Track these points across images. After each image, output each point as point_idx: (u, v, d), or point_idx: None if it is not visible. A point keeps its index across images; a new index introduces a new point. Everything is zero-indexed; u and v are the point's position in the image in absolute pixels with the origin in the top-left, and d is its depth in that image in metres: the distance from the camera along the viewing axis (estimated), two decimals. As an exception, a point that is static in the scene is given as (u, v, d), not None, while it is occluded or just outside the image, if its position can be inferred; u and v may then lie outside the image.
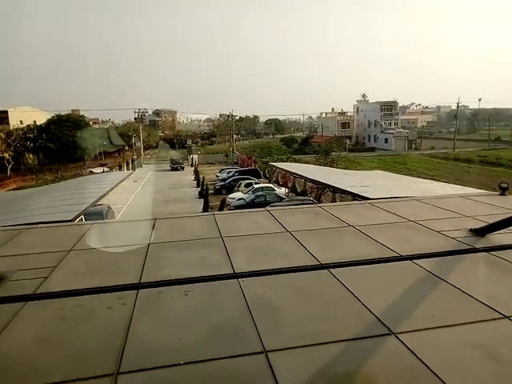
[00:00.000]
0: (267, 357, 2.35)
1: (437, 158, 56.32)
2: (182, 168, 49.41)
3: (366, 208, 6.10)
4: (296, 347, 2.44)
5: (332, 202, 20.41)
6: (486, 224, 4.66)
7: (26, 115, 55.20)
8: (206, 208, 23.85)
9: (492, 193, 7.10)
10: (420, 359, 2.26)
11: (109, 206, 18.42)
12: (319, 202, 21.00)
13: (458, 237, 4.47)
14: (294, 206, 7.69)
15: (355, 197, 9.64)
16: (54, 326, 2.78)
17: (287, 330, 2.65)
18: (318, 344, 2.47)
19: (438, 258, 3.89)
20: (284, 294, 3.19)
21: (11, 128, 50.05)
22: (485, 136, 78.48)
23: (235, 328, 2.70)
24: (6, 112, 53.47)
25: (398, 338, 2.49)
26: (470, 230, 4.67)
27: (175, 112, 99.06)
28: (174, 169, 49.34)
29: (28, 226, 5.66)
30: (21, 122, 53.18)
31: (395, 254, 3.99)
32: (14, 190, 35.45)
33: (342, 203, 7.79)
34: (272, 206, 17.88)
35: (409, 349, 2.36)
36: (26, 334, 2.67)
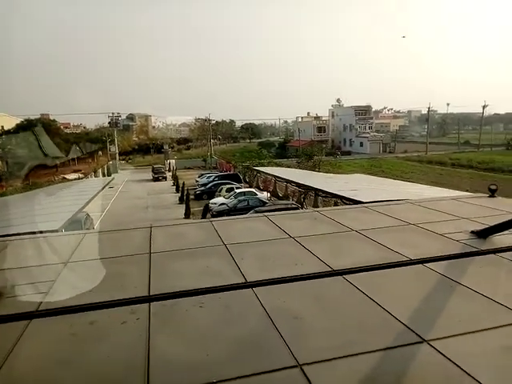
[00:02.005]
0: (303, 370, 2.25)
1: (411, 161, 57.90)
2: (165, 178, 44.30)
3: (364, 212, 6.11)
4: (330, 359, 2.35)
5: (314, 205, 20.56)
6: (484, 226, 4.75)
7: (-7, 120, 52.97)
8: (187, 214, 23.54)
9: (481, 195, 7.28)
10: (460, 367, 2.22)
11: (87, 214, 17.83)
12: (302, 205, 21.10)
13: (462, 239, 4.52)
14: (291, 212, 7.64)
15: (344, 200, 9.70)
16: (66, 345, 2.58)
17: (316, 341, 2.57)
18: (353, 355, 2.39)
19: (448, 260, 3.91)
20: (303, 303, 3.10)
21: (-23, 133, 47.95)
22: (454, 139, 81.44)
23: (261, 340, 2.59)
24: (-29, 117, 51.18)
25: (431, 345, 2.45)
26: (472, 232, 4.73)
27: (150, 116, 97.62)
28: (155, 179, 43.89)
29: (14, 237, 5.35)
30: (-13, 127, 51.03)
31: (405, 258, 3.99)
32: (-18, 197, 33.84)
33: (338, 207, 7.81)
34: (257, 211, 17.81)
35: (446, 357, 2.32)
36: (38, 354, 2.47)
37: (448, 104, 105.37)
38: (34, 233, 5.77)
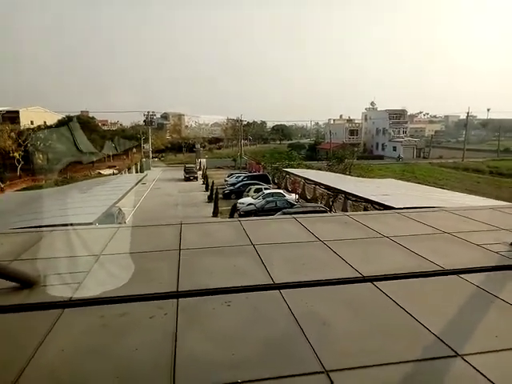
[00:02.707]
0: (329, 377, 2.21)
1: (446, 168, 55.90)
2: (196, 178, 42.73)
3: (396, 218, 5.95)
4: (358, 367, 2.29)
5: (343, 209, 20.23)
6: (526, 238, 4.51)
7: (36, 116, 55.61)
8: (215, 212, 23.77)
9: (522, 205, 6.92)
10: (497, 386, 2.10)
11: (119, 209, 18.37)
12: (330, 209, 20.82)
13: (501, 251, 4.30)
14: (320, 215, 7.55)
15: (375, 205, 9.48)
16: (97, 336, 2.66)
17: (344, 347, 2.51)
18: (381, 365, 2.32)
19: (485, 273, 3.74)
20: (331, 308, 3.05)
21: (22, 128, 50.44)
22: (493, 146, 77.83)
23: (288, 343, 2.56)
24: (17, 112, 53.90)
25: (465, 360, 2.34)
26: (511, 244, 4.50)
27: (183, 115, 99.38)
28: (186, 179, 42.34)
29: (51, 228, 5.56)
30: (31, 123, 53.58)
31: (438, 268, 3.84)
32: (23, 189, 35.62)
33: (369, 212, 7.64)
34: (284, 213, 17.74)
35: (481, 373, 2.21)
36: (70, 343, 2.55)
37: (489, 109, 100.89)
38: (70, 225, 6.00)
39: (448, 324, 2.80)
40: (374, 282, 3.51)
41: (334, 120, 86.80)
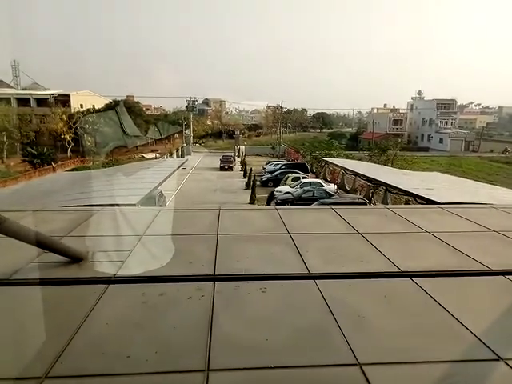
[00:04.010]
0: (362, 370, 2.20)
1: (497, 162, 52.74)
2: (231, 168, 40.88)
3: (440, 213, 5.72)
4: (393, 363, 2.27)
5: (383, 202, 19.70)
6: None
7: (86, 99, 58.05)
8: (252, 199, 23.94)
9: None
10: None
11: (161, 192, 18.95)
12: (370, 201, 20.35)
13: (554, 253, 4.04)
14: (359, 206, 7.41)
15: (418, 199, 9.15)
16: (138, 311, 2.79)
17: (379, 342, 2.48)
18: (417, 362, 2.28)
19: (536, 275, 3.52)
20: (368, 301, 3.01)
21: (72, 111, 52.96)
22: (553, 141, 72.29)
23: (322, 334, 2.57)
24: (68, 96, 56.55)
25: (509, 365, 2.24)
26: None
27: (224, 101, 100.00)
28: (221, 168, 40.59)
29: (99, 208, 5.85)
30: (81, 106, 56.06)
31: (484, 268, 3.67)
32: (73, 170, 37.60)
33: (411, 206, 7.39)
34: (322, 203, 17.56)
35: (526, 380, 2.11)
36: (114, 316, 2.71)
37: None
38: (115, 205, 6.28)
39: (491, 326, 2.68)
40: (413, 278, 3.42)
41: (377, 109, 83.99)
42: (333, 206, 5.97)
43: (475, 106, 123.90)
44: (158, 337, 2.49)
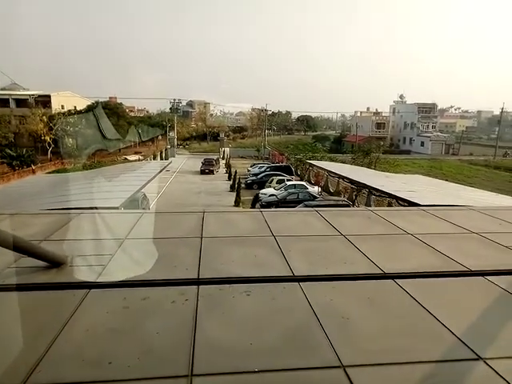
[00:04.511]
0: (346, 373, 2.20)
1: (476, 165, 54.09)
2: (212, 172, 39.09)
3: (421, 215, 5.82)
4: (377, 364, 2.28)
5: (366, 204, 19.94)
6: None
7: (67, 100, 57.02)
8: (237, 202, 23.91)
9: (556, 207, 6.62)
10: (521, 392, 2.05)
11: (144, 194, 18.73)
12: (353, 203, 20.57)
13: (531, 254, 4.15)
14: (343, 208, 7.48)
15: (400, 201, 9.29)
16: (120, 317, 2.74)
17: (362, 343, 2.50)
18: (400, 363, 2.30)
19: (513, 276, 3.61)
20: (351, 303, 3.03)
21: (53, 112, 51.89)
22: (529, 145, 74.61)
23: (306, 336, 2.57)
24: (49, 96, 55.42)
25: (488, 364, 2.28)
26: (543, 247, 4.33)
27: (208, 104, 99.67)
28: (201, 171, 38.79)
29: (79, 211, 5.74)
30: (62, 107, 54.99)
31: (464, 269, 3.74)
32: (53, 172, 36.82)
33: (394, 208, 7.49)
34: (306, 205, 17.66)
35: (505, 379, 2.15)
36: (94, 322, 2.65)
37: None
38: (97, 208, 6.17)
39: (471, 326, 2.73)
40: (396, 280, 3.46)
41: (360, 112, 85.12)
42: (317, 209, 6.00)
43: (455, 110, 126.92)
44: (140, 342, 2.44)
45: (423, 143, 68.51)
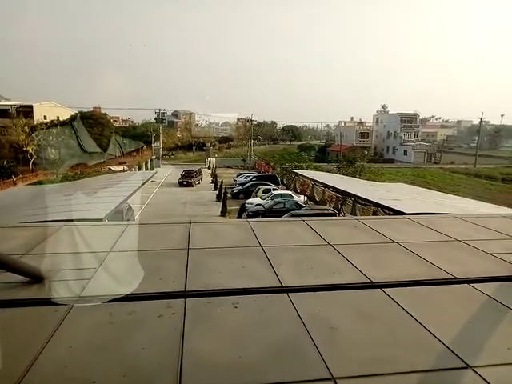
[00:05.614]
0: (337, 384, 2.18)
1: (457, 173, 55.25)
2: (190, 184, 36.47)
3: (407, 224, 5.88)
4: (367, 376, 2.27)
5: (352, 213, 20.10)
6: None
7: (50, 110, 56.24)
8: (223, 212, 23.80)
9: (536, 214, 6.79)
10: (509, 400, 2.06)
11: (129, 205, 18.47)
12: (339, 212, 20.71)
13: (514, 261, 4.22)
14: (330, 218, 7.52)
15: (385, 210, 9.39)
16: (105, 333, 2.66)
17: (352, 354, 2.48)
18: (390, 374, 2.29)
19: (498, 283, 3.67)
20: (340, 314, 3.02)
21: (35, 122, 51.06)
22: (506, 153, 76.81)
23: (296, 348, 2.54)
24: (31, 107, 54.57)
25: (476, 372, 2.29)
26: (525, 254, 4.42)
27: (194, 114, 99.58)
28: (180, 183, 36.55)
29: (62, 223, 5.61)
30: (45, 117, 54.16)
31: (450, 276, 3.78)
32: (35, 183, 36.08)
33: (380, 217, 7.56)
34: (293, 214, 17.70)
35: (494, 387, 2.16)
36: (78, 339, 2.56)
37: (502, 115, 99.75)
38: (80, 220, 6.04)
39: (459, 334, 2.75)
40: (384, 289, 3.47)
41: (344, 122, 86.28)
42: (304, 218, 6.01)
43: (436, 119, 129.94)
44: (126, 359, 2.37)
45: (406, 152, 69.73)
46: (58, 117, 55.18)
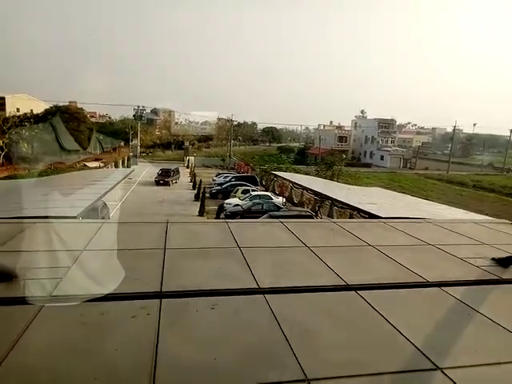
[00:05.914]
0: (311, 386, 2.20)
1: (431, 179, 56.86)
2: (167, 183, 35.43)
3: (382, 227, 6.00)
4: (340, 377, 2.29)
5: (329, 215, 20.36)
6: (507, 254, 4.62)
7: (23, 103, 54.44)
8: (201, 212, 23.63)
9: (504, 221, 7.07)
10: (476, 400, 2.13)
11: (104, 203, 18.06)
12: (316, 214, 20.92)
13: (483, 265, 4.38)
14: (308, 220, 7.59)
15: (361, 213, 9.56)
16: (76, 334, 2.59)
17: (326, 356, 2.51)
18: (363, 375, 2.33)
19: (467, 286, 3.80)
20: (315, 316, 3.05)
21: (7, 115, 49.28)
22: (478, 161, 79.63)
23: (271, 350, 2.55)
24: (3, 98, 52.66)
25: (445, 374, 2.36)
26: (493, 259, 4.59)
27: (173, 112, 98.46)
28: (156, 182, 35.35)
29: (34, 220, 5.43)
30: (17, 110, 52.37)
31: (422, 280, 3.88)
32: (5, 178, 34.81)
33: (356, 220, 7.68)
34: (271, 216, 17.75)
35: (461, 388, 2.23)
36: (48, 341, 2.49)
37: (475, 124, 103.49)
38: (53, 217, 5.87)
39: (429, 336, 2.82)
40: (358, 291, 3.53)
41: (323, 126, 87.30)
42: (282, 220, 6.05)
43: (412, 126, 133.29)
44: (98, 361, 2.32)
45: (383, 157, 71.25)
46: (31, 110, 53.46)
